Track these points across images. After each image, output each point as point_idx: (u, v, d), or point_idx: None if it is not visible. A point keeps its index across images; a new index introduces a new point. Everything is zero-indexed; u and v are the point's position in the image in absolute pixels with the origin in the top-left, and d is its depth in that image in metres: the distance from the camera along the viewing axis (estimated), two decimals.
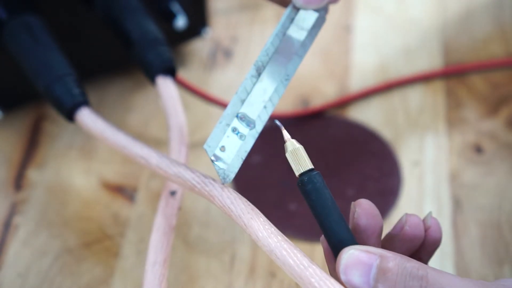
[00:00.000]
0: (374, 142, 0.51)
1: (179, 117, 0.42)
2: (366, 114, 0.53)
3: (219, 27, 0.60)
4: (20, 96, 0.51)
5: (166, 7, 0.52)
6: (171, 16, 0.52)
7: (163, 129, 0.53)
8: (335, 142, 0.51)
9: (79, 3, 0.49)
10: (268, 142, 0.51)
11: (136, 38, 0.45)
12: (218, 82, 0.56)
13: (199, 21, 0.55)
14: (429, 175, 0.49)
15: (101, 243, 0.46)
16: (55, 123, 0.53)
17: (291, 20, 0.37)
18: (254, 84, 0.36)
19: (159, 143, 0.52)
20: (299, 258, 0.32)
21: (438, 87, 0.55)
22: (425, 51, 0.58)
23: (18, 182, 0.49)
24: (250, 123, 0.35)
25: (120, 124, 0.53)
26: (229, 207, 0.34)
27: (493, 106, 0.54)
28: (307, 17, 0.37)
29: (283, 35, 0.37)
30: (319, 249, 0.46)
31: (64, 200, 0.48)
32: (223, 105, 0.51)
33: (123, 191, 0.49)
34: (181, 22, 0.52)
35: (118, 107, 0.54)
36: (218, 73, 0.56)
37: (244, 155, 0.35)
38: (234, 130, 0.35)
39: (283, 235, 0.33)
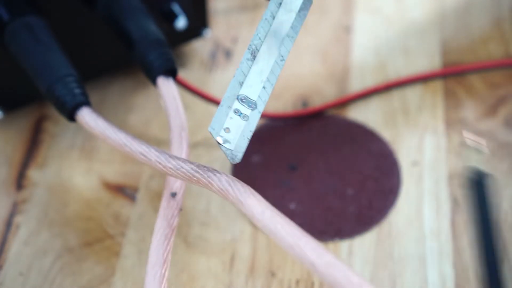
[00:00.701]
0: (373, 142, 0.51)
1: (180, 118, 0.42)
2: (366, 114, 0.53)
3: (219, 27, 0.60)
4: (21, 96, 0.51)
5: (166, 7, 0.52)
6: (172, 17, 0.52)
7: (164, 129, 0.53)
8: (335, 142, 0.51)
9: (81, 4, 0.49)
10: (268, 142, 0.51)
11: (137, 38, 0.46)
12: (218, 82, 0.56)
13: (199, 22, 0.55)
14: (428, 175, 0.50)
15: (102, 243, 0.46)
16: (56, 123, 0.53)
17: (279, 4, 0.38)
18: (250, 67, 0.37)
19: (160, 143, 0.52)
20: (292, 230, 0.34)
21: (437, 87, 0.55)
22: (424, 51, 0.58)
23: (20, 181, 0.50)
24: (251, 104, 0.36)
25: (121, 124, 0.53)
26: (227, 190, 0.35)
27: (492, 106, 0.54)
28: (294, 0, 0.38)
29: (272, 18, 0.38)
30: None
31: (65, 200, 0.49)
32: None
33: (124, 191, 0.49)
34: (181, 22, 0.52)
35: (119, 107, 0.54)
36: (218, 73, 0.57)
37: (249, 135, 0.35)
38: (236, 111, 0.36)
39: (279, 212, 0.35)
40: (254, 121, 0.36)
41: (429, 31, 0.60)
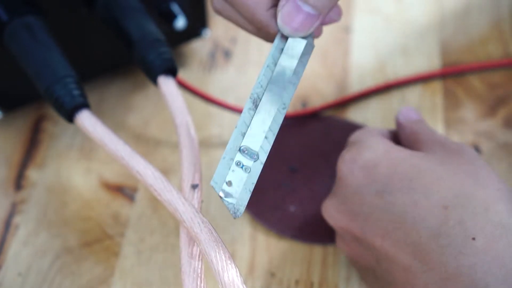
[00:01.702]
0: None
1: (184, 115, 0.43)
2: (365, 115, 0.53)
3: (218, 27, 0.60)
4: (20, 96, 0.51)
5: (166, 8, 0.52)
6: (171, 17, 0.52)
7: (163, 129, 0.53)
8: (335, 143, 0.51)
9: (80, 4, 0.49)
10: None
11: (137, 39, 0.46)
12: (217, 83, 0.56)
13: (198, 22, 0.55)
14: None
15: (101, 243, 0.46)
16: (56, 124, 0.53)
17: (281, 50, 0.38)
18: (252, 117, 0.36)
19: (159, 143, 0.52)
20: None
21: (436, 87, 0.55)
22: (423, 52, 0.58)
23: (19, 182, 0.50)
24: (253, 155, 0.35)
25: (120, 124, 0.53)
26: (208, 253, 0.35)
27: (491, 106, 0.54)
28: (295, 45, 0.38)
29: (274, 65, 0.37)
30: (317, 250, 0.46)
31: (64, 200, 0.49)
32: (223, 105, 0.52)
33: (123, 191, 0.49)
34: (180, 22, 0.52)
35: (118, 107, 0.54)
36: (217, 74, 0.57)
37: (251, 187, 0.35)
38: (239, 163, 0.35)
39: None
40: (256, 173, 0.35)
41: (428, 31, 0.60)
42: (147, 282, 0.44)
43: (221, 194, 0.34)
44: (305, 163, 0.50)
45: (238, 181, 0.35)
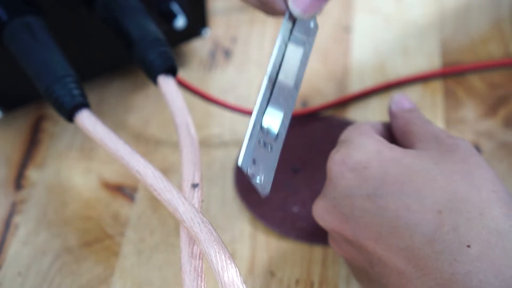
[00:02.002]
0: None
1: (184, 114, 0.43)
2: (365, 114, 0.53)
3: (218, 27, 0.60)
4: (20, 96, 0.51)
5: (166, 7, 0.52)
6: (171, 16, 0.52)
7: (163, 129, 0.53)
8: (336, 142, 0.51)
9: (80, 4, 0.49)
10: None
11: (136, 38, 0.46)
12: (218, 82, 0.56)
13: (198, 21, 0.55)
14: None
15: (101, 243, 0.46)
16: (55, 123, 0.53)
17: (290, 30, 0.39)
18: (271, 96, 0.37)
19: (159, 143, 0.52)
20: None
21: (436, 87, 0.55)
22: (424, 51, 0.58)
23: (18, 181, 0.50)
24: (273, 134, 0.36)
25: (120, 124, 0.53)
26: (208, 253, 0.35)
27: (491, 106, 0.54)
28: (304, 26, 0.39)
29: (285, 45, 0.38)
30: (317, 250, 0.46)
31: (64, 200, 0.49)
32: (223, 105, 0.51)
33: (123, 191, 0.49)
34: (180, 22, 0.52)
35: (118, 107, 0.54)
36: (218, 73, 0.57)
37: (274, 165, 0.36)
38: (261, 142, 0.36)
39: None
40: (277, 151, 0.36)
41: (428, 31, 0.60)
42: (147, 282, 0.44)
43: (249, 174, 0.35)
44: (306, 163, 0.50)
45: (263, 160, 0.36)
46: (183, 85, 0.50)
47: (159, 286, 0.44)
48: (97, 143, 0.42)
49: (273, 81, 0.37)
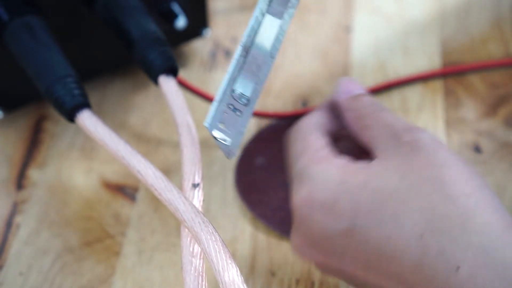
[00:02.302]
0: None
1: (185, 114, 0.43)
2: None
3: (219, 27, 0.60)
4: (21, 96, 0.51)
5: (166, 7, 0.52)
6: (171, 16, 0.52)
7: (164, 129, 0.53)
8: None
9: (80, 4, 0.49)
10: (271, 144, 0.51)
11: (137, 38, 0.46)
12: (218, 82, 0.56)
13: (199, 21, 0.55)
14: None
15: (102, 242, 0.46)
16: (56, 123, 0.53)
17: (269, 2, 0.38)
18: (242, 63, 0.37)
19: (160, 143, 0.52)
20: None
21: (436, 87, 0.55)
22: (424, 51, 0.58)
23: (20, 181, 0.50)
24: (245, 100, 0.36)
25: (120, 124, 0.53)
26: (208, 251, 0.35)
27: (492, 106, 0.54)
28: None
29: (262, 16, 0.38)
30: None
31: (65, 200, 0.49)
32: None
33: (124, 191, 0.49)
34: (181, 22, 0.52)
35: (119, 107, 0.54)
36: (218, 73, 0.57)
37: (243, 130, 0.36)
38: (231, 106, 0.36)
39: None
40: (247, 116, 0.36)
41: (429, 30, 0.60)
42: (148, 282, 0.44)
43: (215, 134, 0.35)
44: None
45: (232, 123, 0.36)
46: (183, 85, 0.50)
47: (160, 286, 0.44)
48: (98, 143, 0.42)
49: (247, 50, 0.37)
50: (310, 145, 0.38)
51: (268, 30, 0.38)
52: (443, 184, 0.34)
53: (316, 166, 0.37)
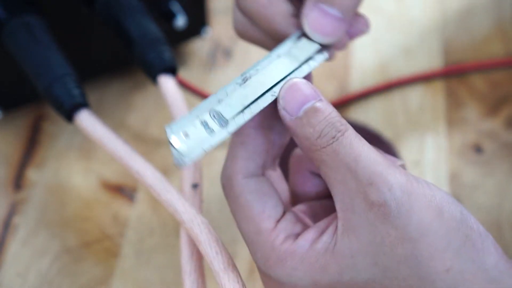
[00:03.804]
0: (377, 143, 0.51)
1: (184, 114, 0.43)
2: (366, 114, 0.53)
3: (219, 26, 0.60)
4: (19, 96, 0.51)
5: (166, 6, 0.52)
6: (171, 16, 0.52)
7: (163, 129, 0.52)
8: None
9: (80, 3, 0.49)
10: None
11: (136, 37, 0.45)
12: (218, 82, 0.56)
13: (199, 21, 0.55)
14: (429, 175, 0.49)
15: (100, 243, 0.46)
16: (55, 123, 0.53)
17: (289, 49, 0.36)
18: (235, 90, 0.34)
19: (159, 143, 0.52)
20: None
21: (438, 87, 0.55)
22: (425, 51, 0.58)
23: (18, 182, 0.49)
24: (222, 121, 0.32)
25: (119, 124, 0.53)
26: (207, 254, 0.35)
27: (493, 106, 0.54)
28: (306, 48, 0.36)
29: (277, 57, 0.35)
30: None
31: (63, 200, 0.48)
32: None
33: (122, 191, 0.49)
34: (181, 21, 0.52)
35: (118, 107, 0.54)
36: (218, 73, 0.56)
37: (207, 147, 0.32)
38: (203, 123, 0.32)
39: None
40: (218, 138, 0.32)
41: (430, 31, 0.60)
42: (147, 283, 0.44)
43: (172, 139, 0.32)
44: None
45: (196, 136, 0.32)
46: (183, 84, 0.50)
47: (158, 287, 0.44)
48: (96, 143, 0.42)
49: (245, 80, 0.34)
50: (263, 231, 0.33)
51: (278, 70, 0.35)
52: (419, 263, 0.30)
53: (281, 269, 0.32)
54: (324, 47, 0.36)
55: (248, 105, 0.33)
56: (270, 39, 0.37)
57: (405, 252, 0.30)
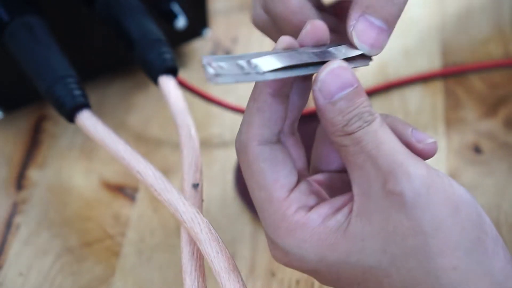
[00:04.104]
0: None
1: (185, 115, 0.43)
2: None
3: (219, 27, 0.60)
4: (21, 96, 0.51)
5: (166, 7, 0.52)
6: (171, 17, 0.52)
7: (164, 129, 0.53)
8: None
9: (81, 4, 0.49)
10: None
11: (137, 38, 0.46)
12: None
13: (199, 22, 0.55)
14: None
15: (102, 243, 0.46)
16: (56, 123, 0.53)
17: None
18: (277, 52, 0.32)
19: (160, 143, 0.52)
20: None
21: (437, 87, 0.55)
22: (424, 51, 0.58)
23: (19, 182, 0.50)
24: (260, 69, 0.30)
25: (120, 124, 0.53)
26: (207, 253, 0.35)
27: (492, 106, 0.54)
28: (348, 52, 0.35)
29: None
30: None
31: (65, 200, 0.48)
32: (223, 105, 0.51)
33: (123, 191, 0.49)
34: (181, 22, 0.52)
35: (119, 107, 0.54)
36: None
37: (239, 80, 0.30)
38: (239, 65, 0.31)
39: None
40: (251, 79, 0.30)
41: (429, 31, 0.60)
42: (148, 282, 0.44)
43: (206, 62, 0.30)
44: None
45: (231, 70, 0.30)
46: (183, 85, 0.50)
47: (159, 287, 0.44)
48: (97, 144, 0.42)
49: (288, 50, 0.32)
50: (275, 200, 0.32)
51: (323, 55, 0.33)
52: (427, 257, 0.30)
53: (290, 239, 0.32)
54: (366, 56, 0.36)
55: (288, 68, 0.31)
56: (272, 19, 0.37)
57: (416, 244, 0.30)
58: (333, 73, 0.31)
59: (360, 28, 0.34)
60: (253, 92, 0.33)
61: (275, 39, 0.37)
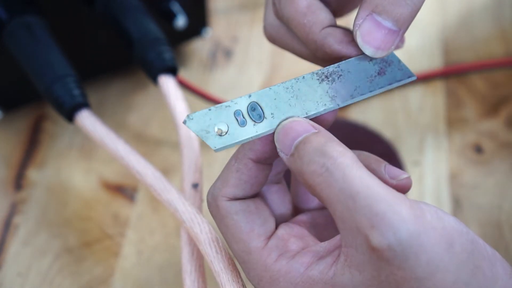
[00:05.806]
0: (377, 143, 0.51)
1: (185, 114, 0.43)
2: (366, 114, 0.53)
3: (219, 27, 0.60)
4: (20, 96, 0.51)
5: (166, 7, 0.52)
6: (171, 16, 0.52)
7: (163, 129, 0.53)
8: None
9: (80, 3, 0.49)
10: None
11: (137, 38, 0.45)
12: (218, 82, 0.56)
13: (199, 21, 0.55)
14: (429, 175, 0.49)
15: (101, 243, 0.46)
16: (55, 123, 0.53)
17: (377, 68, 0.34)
18: (293, 88, 0.32)
19: (159, 143, 0.52)
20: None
21: (438, 87, 0.55)
22: (425, 51, 0.58)
23: (18, 182, 0.49)
24: (259, 114, 0.31)
25: (120, 124, 0.53)
26: (207, 253, 0.34)
27: (493, 106, 0.54)
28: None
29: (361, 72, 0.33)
30: None
31: (64, 200, 0.48)
32: None
33: (123, 191, 0.49)
34: (181, 22, 0.52)
35: (118, 107, 0.54)
36: (218, 73, 0.56)
37: (238, 141, 0.31)
38: (236, 114, 0.32)
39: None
40: (250, 133, 0.31)
41: (430, 30, 0.59)
42: (147, 282, 0.44)
43: (192, 128, 0.31)
44: None
45: (230, 130, 0.31)
46: (183, 85, 0.50)
47: (159, 287, 0.44)
48: (97, 143, 0.42)
49: (324, 77, 0.32)
50: (253, 251, 0.32)
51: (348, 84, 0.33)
52: None
53: (271, 272, 0.31)
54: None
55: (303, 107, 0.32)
56: (305, 48, 0.35)
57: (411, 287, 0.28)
58: (285, 129, 0.31)
59: (366, 28, 0.32)
60: (237, 151, 0.33)
61: (289, 48, 0.36)
